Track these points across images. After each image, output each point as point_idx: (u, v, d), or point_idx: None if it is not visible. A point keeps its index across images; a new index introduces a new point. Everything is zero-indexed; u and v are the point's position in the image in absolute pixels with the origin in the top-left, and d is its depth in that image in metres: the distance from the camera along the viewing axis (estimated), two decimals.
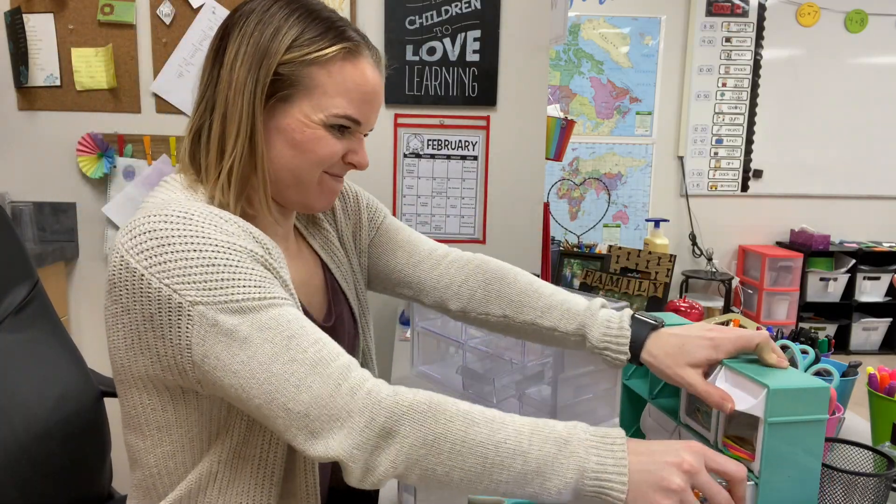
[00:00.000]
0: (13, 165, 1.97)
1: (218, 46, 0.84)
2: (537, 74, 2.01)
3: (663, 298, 1.77)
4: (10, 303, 1.08)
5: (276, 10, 0.82)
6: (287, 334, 0.72)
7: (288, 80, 0.81)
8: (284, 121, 0.83)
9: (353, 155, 0.88)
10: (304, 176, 0.86)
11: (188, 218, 0.74)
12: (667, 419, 0.92)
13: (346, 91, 0.83)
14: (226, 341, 0.71)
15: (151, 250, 0.72)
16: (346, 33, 0.84)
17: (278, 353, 0.71)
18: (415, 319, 1.44)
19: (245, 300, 0.72)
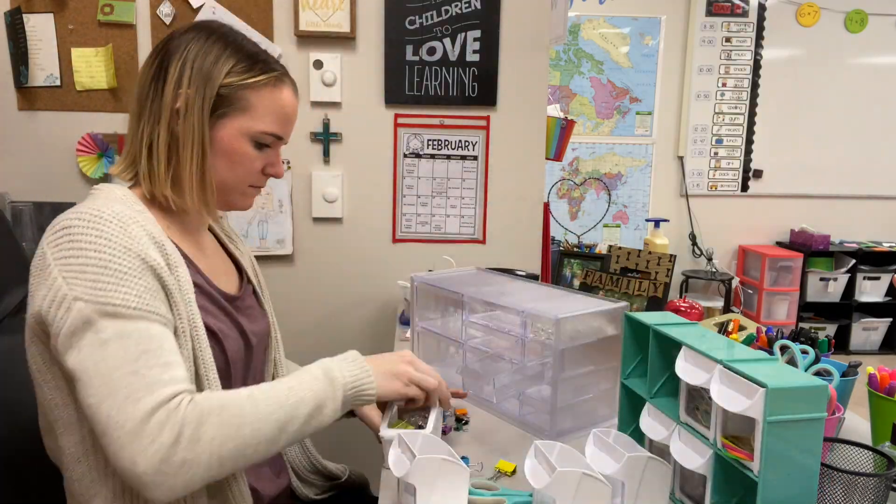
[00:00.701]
0: (13, 165, 1.97)
1: (158, 69, 0.96)
2: (537, 74, 2.00)
3: (663, 298, 1.77)
4: (8, 303, 1.09)
5: (212, 41, 0.97)
6: (142, 348, 0.81)
7: (226, 99, 0.96)
8: (219, 133, 0.97)
9: (272, 167, 1.04)
10: (233, 184, 1.01)
11: (99, 218, 0.85)
12: (666, 418, 0.92)
13: (272, 111, 0.99)
14: (91, 338, 0.80)
15: (62, 243, 0.83)
16: (270, 64, 1.00)
17: (126, 363, 0.79)
18: (415, 319, 1.44)
19: (120, 306, 0.81)
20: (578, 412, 1.17)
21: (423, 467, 0.81)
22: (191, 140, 0.94)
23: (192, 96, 0.94)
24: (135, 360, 0.79)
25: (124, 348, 0.80)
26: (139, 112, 0.97)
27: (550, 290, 1.36)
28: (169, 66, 0.95)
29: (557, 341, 1.10)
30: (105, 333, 0.80)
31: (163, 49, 0.98)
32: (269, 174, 1.04)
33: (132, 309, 0.82)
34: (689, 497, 0.90)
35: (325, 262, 2.04)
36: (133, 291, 0.82)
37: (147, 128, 0.96)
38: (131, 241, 0.85)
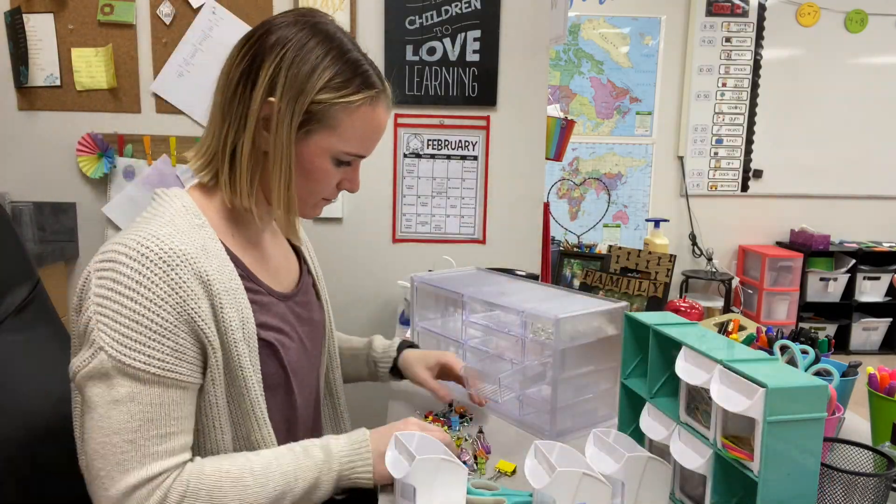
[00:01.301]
0: (13, 165, 1.97)
1: (249, 68, 0.90)
2: (537, 74, 2.00)
3: (663, 298, 1.77)
4: (10, 303, 1.08)
5: (312, 45, 0.89)
6: (148, 416, 0.81)
7: (315, 116, 0.90)
8: (302, 149, 0.92)
9: (348, 182, 1.00)
10: (306, 198, 0.97)
11: (145, 258, 0.81)
12: (666, 418, 0.92)
13: (361, 133, 0.94)
14: (103, 391, 0.80)
15: (105, 280, 0.81)
16: (370, 80, 0.93)
17: (126, 430, 0.80)
18: (415, 319, 1.44)
19: (141, 370, 0.80)
20: (578, 412, 1.17)
21: (422, 468, 0.81)
22: (279, 155, 0.90)
23: (282, 108, 0.88)
24: (137, 428, 0.80)
25: (130, 414, 0.80)
26: (223, 110, 0.92)
27: (550, 290, 1.36)
28: (261, 67, 0.89)
29: (557, 341, 1.10)
30: (117, 392, 0.80)
31: (257, 43, 0.90)
32: (343, 188, 1.01)
33: (151, 374, 0.81)
34: (689, 497, 0.90)
35: (325, 262, 2.03)
36: (158, 354, 0.81)
37: (231, 132, 0.91)
38: (173, 289, 0.82)
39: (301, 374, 1.02)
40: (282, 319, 0.99)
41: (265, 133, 0.90)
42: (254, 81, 0.89)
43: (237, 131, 0.91)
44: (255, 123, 0.89)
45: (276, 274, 1.03)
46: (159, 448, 0.81)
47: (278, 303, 0.99)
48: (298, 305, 1.05)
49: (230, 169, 0.92)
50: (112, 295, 0.80)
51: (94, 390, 0.81)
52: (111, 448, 0.80)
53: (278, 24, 0.91)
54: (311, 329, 1.06)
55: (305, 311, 1.06)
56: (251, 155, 0.91)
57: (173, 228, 0.86)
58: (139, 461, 0.80)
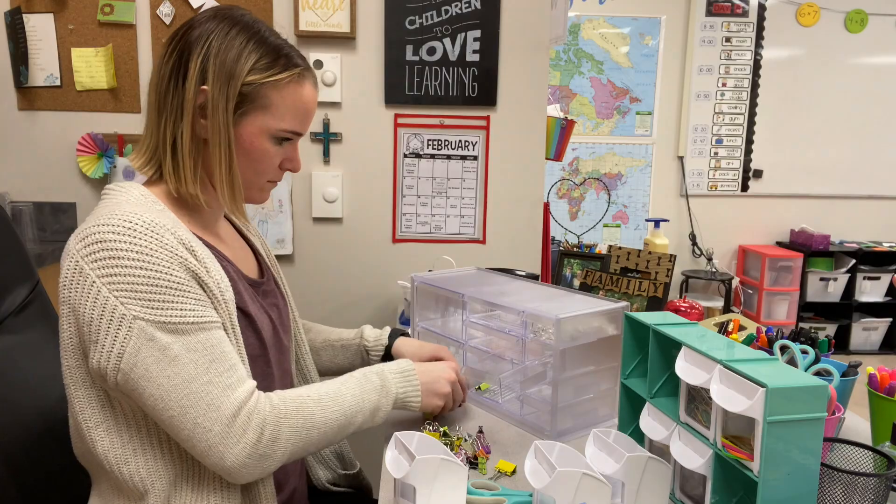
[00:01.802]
0: (13, 165, 1.97)
1: (178, 62, 0.94)
2: (537, 74, 2.00)
3: (663, 298, 1.77)
4: (10, 303, 1.09)
5: (234, 33, 0.94)
6: (210, 358, 0.86)
7: (248, 97, 0.95)
8: (240, 131, 0.96)
9: (289, 162, 1.04)
10: (251, 180, 1.01)
11: (132, 230, 0.84)
12: (666, 418, 0.92)
13: (293, 109, 0.98)
14: (158, 356, 0.83)
15: (103, 260, 0.83)
16: (293, 60, 0.99)
17: (199, 374, 0.84)
18: (415, 319, 1.44)
19: (181, 322, 0.84)
20: (579, 412, 1.17)
21: (422, 468, 0.81)
22: (218, 139, 0.94)
23: (215, 94, 0.92)
24: (206, 370, 0.85)
25: (195, 362, 0.84)
26: (158, 106, 0.95)
27: (550, 290, 1.36)
28: (189, 59, 0.93)
29: (558, 341, 1.10)
30: (172, 350, 0.83)
31: (182, 39, 0.95)
32: (286, 169, 1.04)
33: (191, 323, 0.85)
34: (689, 497, 0.90)
35: (325, 262, 2.04)
36: (188, 305, 0.85)
37: (169, 124, 0.94)
38: (170, 251, 0.86)
39: (275, 351, 1.05)
40: (251, 299, 1.02)
41: (202, 121, 0.94)
42: (185, 74, 0.93)
43: (175, 122, 0.94)
44: (191, 113, 0.93)
45: (238, 260, 1.06)
46: (233, 378, 0.87)
47: (245, 284, 1.03)
48: (265, 296, 1.08)
49: (173, 159, 0.95)
50: (119, 269, 0.82)
51: (146, 360, 0.82)
52: (195, 396, 0.84)
53: (199, 20, 0.96)
54: (278, 315, 1.10)
55: (272, 298, 1.11)
56: (191, 143, 0.95)
57: (140, 208, 0.89)
58: (223, 393, 0.85)
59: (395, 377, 1.04)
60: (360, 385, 1.00)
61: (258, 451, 0.86)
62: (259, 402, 0.88)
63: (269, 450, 0.88)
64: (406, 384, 1.05)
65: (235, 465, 0.86)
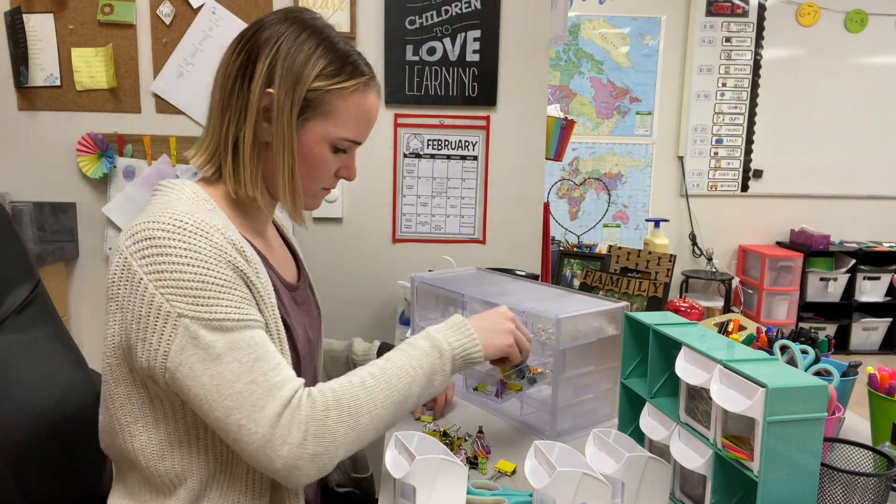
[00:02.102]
0: (13, 165, 1.97)
1: (246, 63, 0.93)
2: (537, 74, 2.00)
3: (663, 298, 1.77)
4: (11, 303, 1.08)
5: (304, 38, 0.94)
6: (254, 356, 0.83)
7: (312, 103, 0.94)
8: (301, 137, 0.95)
9: (345, 170, 1.03)
10: (308, 187, 1.00)
11: (182, 229, 0.83)
12: (666, 418, 0.92)
13: (355, 118, 0.98)
14: (202, 354, 0.81)
15: (151, 258, 0.82)
16: (360, 68, 0.97)
17: (244, 374, 0.82)
18: (415, 320, 1.44)
19: (225, 320, 0.82)
20: (579, 412, 1.17)
21: (422, 468, 0.81)
22: (282, 143, 0.93)
23: (281, 98, 0.91)
24: (250, 369, 0.82)
25: (238, 360, 0.82)
26: (222, 105, 0.95)
27: (551, 290, 1.36)
28: (257, 61, 0.92)
29: (558, 341, 1.10)
30: (216, 348, 0.81)
31: (251, 39, 0.94)
32: (341, 177, 1.03)
33: (236, 321, 0.83)
34: (689, 497, 0.90)
35: (325, 262, 2.04)
36: (233, 303, 0.84)
37: (232, 125, 0.94)
38: (219, 250, 0.85)
39: (305, 362, 1.04)
40: (290, 307, 1.01)
41: (265, 124, 0.93)
42: (251, 75, 0.92)
43: (238, 124, 0.93)
44: (255, 114, 0.92)
45: (281, 265, 1.06)
46: (278, 378, 0.84)
47: (287, 291, 1.02)
48: (300, 301, 1.08)
49: (233, 160, 0.95)
50: (166, 266, 0.81)
51: (191, 359, 0.81)
52: (238, 397, 0.81)
53: (270, 22, 0.95)
54: (310, 322, 1.09)
55: (305, 304, 1.10)
56: (253, 145, 0.94)
57: (192, 208, 0.88)
58: (268, 393, 0.82)
59: (446, 332, 0.97)
60: (407, 354, 0.93)
61: (307, 450, 0.82)
62: (301, 400, 0.84)
63: (320, 447, 0.83)
64: (460, 335, 0.97)
65: (287, 467, 0.82)
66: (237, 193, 0.96)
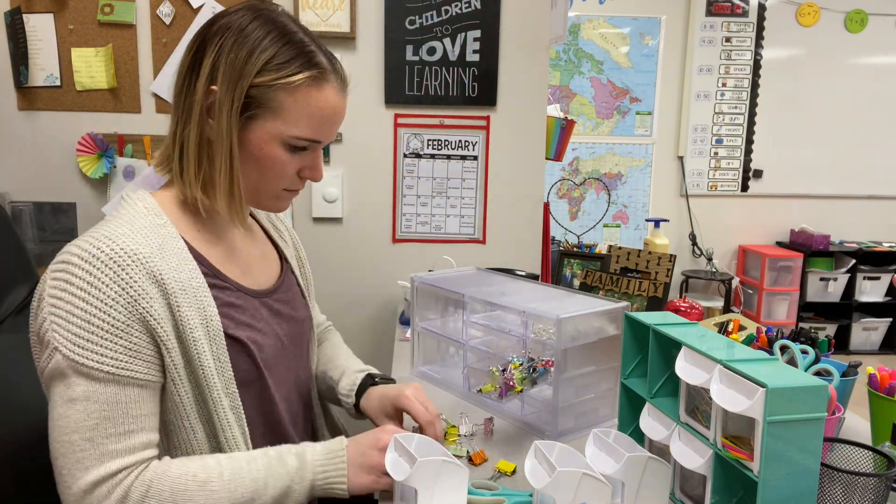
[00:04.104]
0: (13, 165, 1.97)
1: (194, 59, 0.90)
2: (537, 74, 2.00)
3: (663, 298, 1.77)
4: (10, 303, 1.09)
5: (252, 28, 0.88)
6: (105, 415, 0.81)
7: (256, 101, 0.88)
8: (248, 136, 0.90)
9: (309, 171, 0.96)
10: (264, 188, 0.95)
11: (96, 259, 0.81)
12: (666, 418, 0.92)
13: (308, 115, 0.90)
14: (61, 390, 0.81)
15: (57, 282, 0.82)
16: (314, 59, 0.90)
17: (85, 428, 0.80)
18: (415, 320, 1.44)
19: (95, 369, 0.80)
20: (580, 412, 1.17)
21: (424, 469, 0.81)
22: (220, 143, 0.88)
23: (222, 95, 0.87)
24: (94, 426, 0.80)
25: (87, 412, 0.80)
26: (175, 104, 0.92)
27: (551, 290, 1.36)
28: (203, 57, 0.88)
29: (559, 341, 1.10)
30: (74, 391, 0.80)
31: (202, 33, 0.91)
32: (305, 178, 0.97)
33: (105, 373, 0.81)
34: (689, 497, 0.90)
35: (325, 262, 2.04)
36: (110, 353, 0.81)
37: (180, 125, 0.91)
38: (124, 289, 0.81)
39: (279, 370, 1.00)
40: (253, 316, 0.97)
41: (210, 122, 0.89)
42: (198, 71, 0.89)
43: (185, 123, 0.90)
44: (199, 113, 0.89)
45: (249, 270, 1.01)
46: (118, 446, 0.81)
47: (250, 299, 0.97)
48: (277, 302, 1.03)
49: (180, 160, 0.92)
50: (64, 296, 0.81)
51: (54, 390, 0.82)
52: (70, 447, 0.80)
53: (223, 14, 0.91)
54: (291, 326, 1.04)
55: (286, 308, 1.04)
56: (198, 145, 0.90)
57: (130, 228, 0.86)
58: (98, 459, 0.80)
59: (319, 458, 0.90)
60: (270, 468, 0.87)
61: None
62: (128, 478, 0.81)
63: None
64: (327, 464, 0.90)
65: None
66: (184, 195, 0.93)
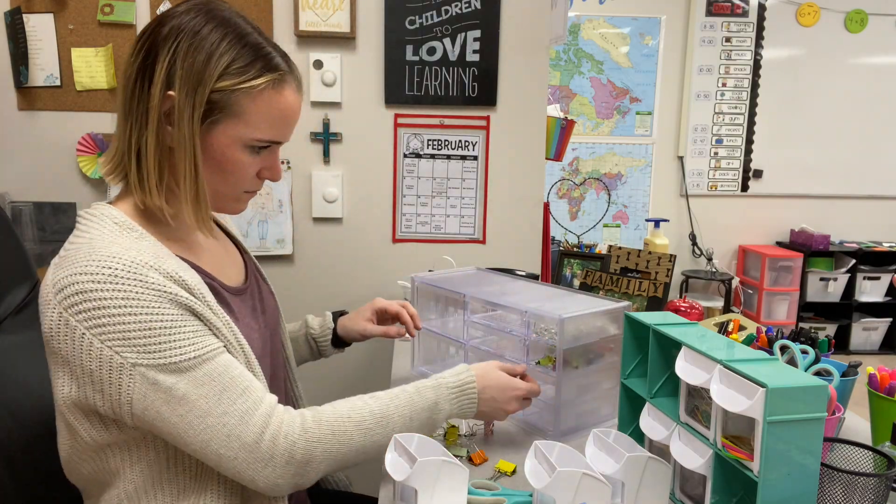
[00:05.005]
0: (13, 165, 1.97)
1: (144, 63, 0.87)
2: (537, 74, 2.00)
3: (663, 298, 1.77)
4: (10, 303, 1.09)
5: (206, 32, 0.86)
6: (219, 388, 0.83)
7: (218, 105, 0.87)
8: (210, 140, 0.89)
9: (267, 171, 0.96)
10: (225, 192, 0.94)
11: (114, 276, 0.79)
12: (666, 418, 0.92)
13: (270, 118, 0.90)
14: (165, 398, 0.80)
15: (89, 312, 0.78)
16: (273, 62, 0.90)
17: (212, 408, 0.82)
18: None
19: (182, 361, 0.81)
20: (581, 412, 1.17)
21: (424, 470, 0.81)
22: (183, 150, 0.86)
23: (182, 102, 0.85)
24: (218, 402, 0.82)
25: (204, 396, 0.82)
26: (125, 109, 0.88)
27: (551, 289, 1.36)
28: (156, 61, 0.85)
29: (561, 341, 1.10)
30: (179, 390, 0.80)
31: (151, 36, 0.87)
32: (265, 178, 0.97)
33: (192, 359, 0.82)
34: (689, 497, 0.90)
35: (325, 262, 2.04)
36: (186, 340, 0.82)
37: (135, 132, 0.87)
38: (157, 291, 0.81)
39: (265, 361, 1.01)
40: (240, 313, 0.98)
41: (169, 128, 0.87)
42: (150, 77, 0.86)
43: (140, 129, 0.87)
44: (157, 119, 0.86)
45: (221, 269, 1.02)
46: (248, 403, 0.84)
47: (232, 297, 0.99)
48: (251, 298, 1.05)
49: (138, 169, 0.89)
50: (107, 319, 0.78)
51: (157, 403, 0.80)
52: (212, 430, 0.82)
53: (171, 15, 0.88)
54: (266, 318, 1.07)
55: (259, 302, 1.07)
56: (156, 151, 0.87)
57: (117, 246, 0.83)
58: (242, 423, 0.83)
59: (452, 392, 0.99)
60: (412, 404, 0.95)
61: (289, 472, 0.85)
62: (285, 425, 0.85)
63: (303, 471, 0.86)
64: (462, 401, 1.00)
65: (269, 485, 0.85)
66: (145, 204, 0.89)
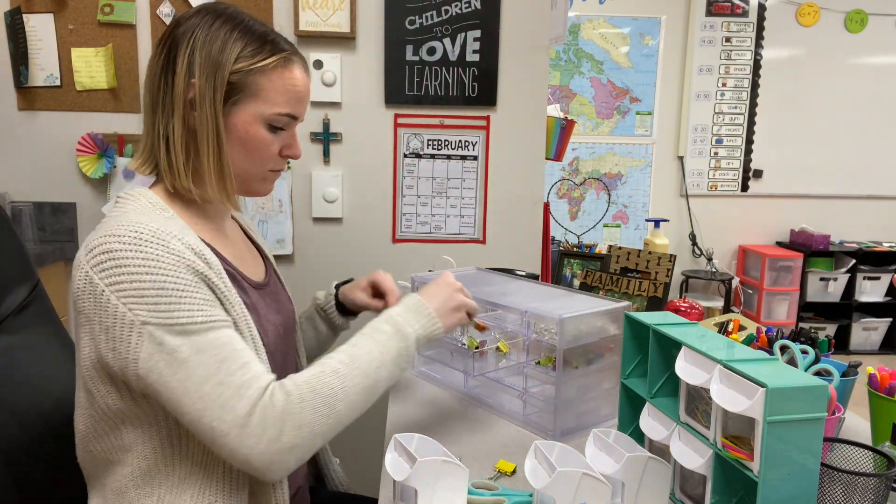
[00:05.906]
0: (13, 165, 1.97)
1: (167, 60, 0.96)
2: (537, 74, 2.00)
3: (663, 298, 1.77)
4: (10, 303, 1.08)
5: (219, 25, 0.96)
6: (220, 358, 0.85)
7: (237, 86, 0.96)
8: (233, 121, 0.97)
9: (288, 148, 1.04)
10: (252, 171, 1.01)
11: (139, 239, 0.85)
12: (666, 418, 0.92)
13: (283, 92, 0.98)
14: (168, 359, 0.83)
15: (111, 270, 0.84)
16: (279, 45, 0.99)
17: (210, 376, 0.84)
18: None
19: (188, 324, 0.84)
20: (581, 412, 1.17)
21: (424, 470, 0.81)
22: (206, 131, 0.94)
23: (203, 86, 0.93)
24: (217, 371, 0.84)
25: (204, 363, 0.84)
26: (152, 105, 0.97)
27: (551, 289, 1.36)
28: (177, 55, 0.95)
29: (561, 341, 1.10)
30: (182, 352, 0.83)
31: (169, 37, 0.97)
32: (286, 156, 1.04)
33: (199, 324, 0.85)
34: (689, 497, 0.90)
35: (325, 262, 2.04)
36: (195, 306, 0.85)
37: (162, 121, 0.96)
38: (177, 256, 0.86)
39: (277, 358, 1.04)
40: (256, 304, 1.02)
41: (194, 113, 0.95)
42: (174, 69, 0.95)
43: (167, 118, 0.95)
44: (182, 106, 0.94)
45: (244, 262, 1.07)
46: (246, 377, 0.85)
47: (252, 290, 1.03)
48: (269, 295, 1.09)
49: (167, 155, 0.96)
50: (126, 276, 0.83)
51: (160, 364, 0.83)
52: (207, 399, 0.83)
53: (184, 17, 0.98)
54: (283, 318, 1.10)
55: (277, 301, 1.11)
56: (183, 135, 0.95)
57: (148, 217, 0.90)
58: (237, 395, 0.84)
59: (408, 316, 1.02)
60: (372, 339, 0.97)
61: (283, 444, 0.85)
62: (273, 396, 0.86)
63: (298, 438, 0.86)
64: (421, 317, 1.03)
65: (264, 462, 0.85)
66: (174, 187, 0.97)
